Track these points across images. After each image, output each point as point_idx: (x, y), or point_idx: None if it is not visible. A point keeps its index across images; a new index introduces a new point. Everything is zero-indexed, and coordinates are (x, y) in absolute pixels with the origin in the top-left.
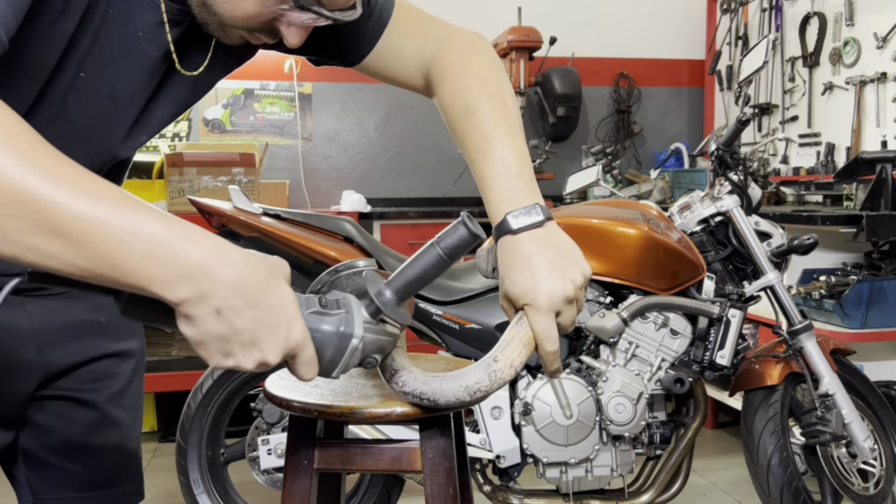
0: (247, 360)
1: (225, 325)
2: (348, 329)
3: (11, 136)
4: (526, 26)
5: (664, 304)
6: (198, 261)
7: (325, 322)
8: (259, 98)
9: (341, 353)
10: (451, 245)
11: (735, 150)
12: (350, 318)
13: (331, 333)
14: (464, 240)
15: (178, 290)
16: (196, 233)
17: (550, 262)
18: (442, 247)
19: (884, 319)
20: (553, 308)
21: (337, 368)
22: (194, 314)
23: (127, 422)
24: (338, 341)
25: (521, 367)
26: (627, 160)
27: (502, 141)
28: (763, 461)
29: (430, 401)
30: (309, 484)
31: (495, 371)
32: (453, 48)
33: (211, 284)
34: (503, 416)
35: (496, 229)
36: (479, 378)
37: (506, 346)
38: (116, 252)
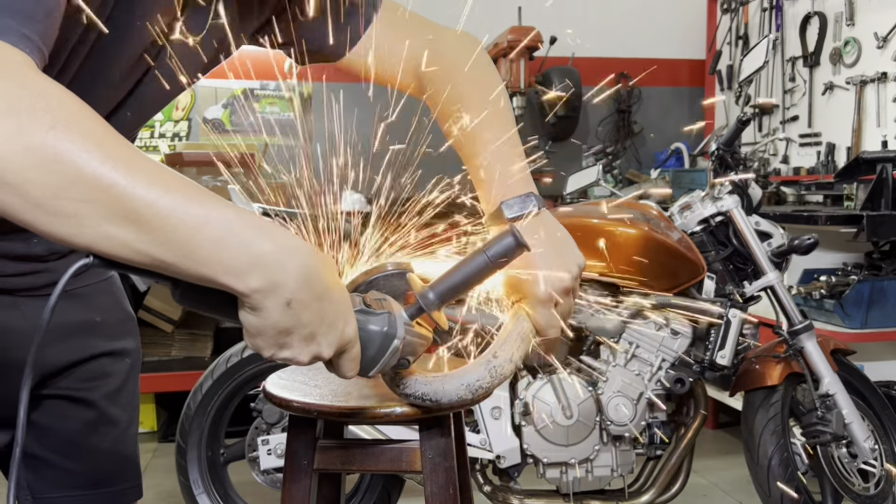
0: (303, 353)
1: (291, 318)
2: (392, 329)
3: (87, 123)
4: (526, 26)
5: (664, 304)
6: (270, 250)
7: (372, 321)
8: (259, 98)
9: (383, 353)
10: (497, 251)
11: (735, 150)
12: (394, 319)
13: (376, 333)
14: (510, 249)
15: (250, 279)
16: (267, 223)
17: (547, 252)
18: (490, 255)
19: (884, 319)
20: (552, 299)
21: (376, 367)
22: (263, 305)
23: (124, 420)
24: (381, 341)
25: (520, 361)
26: (627, 160)
27: (494, 133)
28: (763, 461)
29: (433, 401)
30: (309, 484)
31: (495, 367)
32: (444, 47)
33: (283, 275)
34: (503, 416)
35: (489, 218)
36: (479, 375)
37: (504, 341)
38: (190, 239)
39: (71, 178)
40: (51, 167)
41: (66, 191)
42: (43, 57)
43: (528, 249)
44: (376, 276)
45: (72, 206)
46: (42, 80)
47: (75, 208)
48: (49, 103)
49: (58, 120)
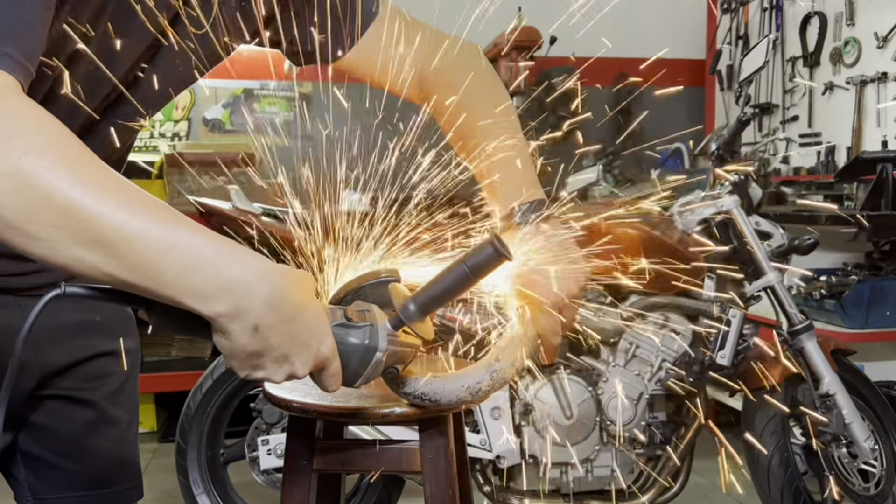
0: (277, 373)
1: (260, 341)
2: (373, 342)
3: (59, 146)
4: (526, 26)
5: (664, 304)
6: (237, 275)
7: (351, 335)
8: (259, 98)
9: (365, 365)
10: (476, 262)
11: (736, 150)
12: (375, 332)
13: (356, 346)
14: (490, 259)
15: (216, 304)
16: (236, 248)
17: (556, 259)
18: (469, 265)
19: (884, 319)
20: (557, 305)
21: (360, 380)
22: (231, 329)
23: (125, 420)
24: (362, 354)
25: (522, 365)
26: (627, 160)
27: (502, 139)
28: (763, 461)
29: (432, 401)
30: (308, 484)
31: (497, 370)
32: (447, 56)
33: (249, 301)
34: (503, 416)
35: (501, 222)
36: (480, 378)
37: (507, 344)
38: (156, 263)
39: (41, 203)
40: (22, 192)
41: (37, 216)
42: (28, 73)
43: (510, 259)
44: (363, 284)
45: (44, 231)
46: (20, 105)
47: (47, 232)
48: (24, 129)
49: (31, 146)
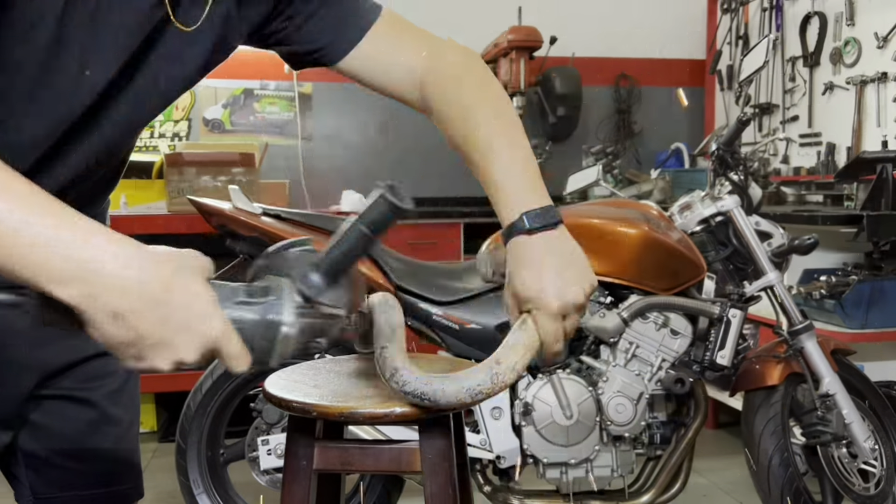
0: (161, 361)
1: (126, 330)
2: (276, 316)
3: None
4: (526, 26)
5: (664, 304)
6: (88, 257)
7: (251, 311)
8: (259, 98)
9: (272, 342)
10: (372, 220)
11: (735, 150)
12: (279, 305)
13: (256, 323)
14: (385, 214)
15: (69, 287)
16: (93, 228)
17: (563, 266)
18: (364, 223)
19: (884, 319)
20: (563, 312)
21: (272, 358)
22: (91, 317)
23: (126, 420)
24: (264, 330)
25: (523, 370)
26: (627, 160)
27: (508, 144)
28: (764, 461)
29: (431, 401)
30: (308, 484)
31: (497, 374)
32: (446, 61)
33: (100, 285)
34: (503, 416)
35: (509, 228)
36: (480, 380)
37: (509, 349)
38: (14, 244)
39: None
40: None
41: None
42: None
43: (405, 209)
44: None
45: None
46: None
47: None
48: None
49: None
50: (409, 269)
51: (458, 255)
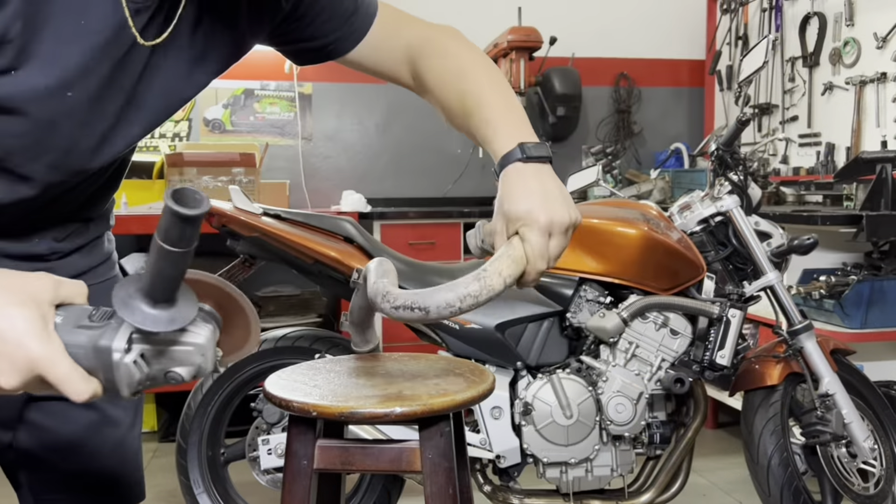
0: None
1: None
2: (106, 342)
3: None
4: (526, 26)
5: (664, 304)
6: None
7: (85, 336)
8: (259, 98)
9: (110, 371)
10: (165, 231)
11: (735, 150)
12: (113, 329)
13: (89, 349)
14: (173, 224)
15: None
16: None
17: (553, 193)
18: (161, 238)
19: (884, 319)
20: (550, 228)
21: (119, 387)
22: None
23: (127, 421)
24: (98, 356)
25: (510, 279)
26: (627, 160)
27: (500, 94)
28: (763, 461)
29: (422, 308)
30: (308, 484)
31: (485, 278)
32: (436, 35)
33: None
34: (503, 416)
35: (506, 157)
36: (468, 284)
37: (496, 259)
38: None
39: None
40: None
41: None
42: None
43: (191, 217)
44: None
45: None
46: None
47: None
48: None
49: None
50: (408, 269)
51: (458, 255)
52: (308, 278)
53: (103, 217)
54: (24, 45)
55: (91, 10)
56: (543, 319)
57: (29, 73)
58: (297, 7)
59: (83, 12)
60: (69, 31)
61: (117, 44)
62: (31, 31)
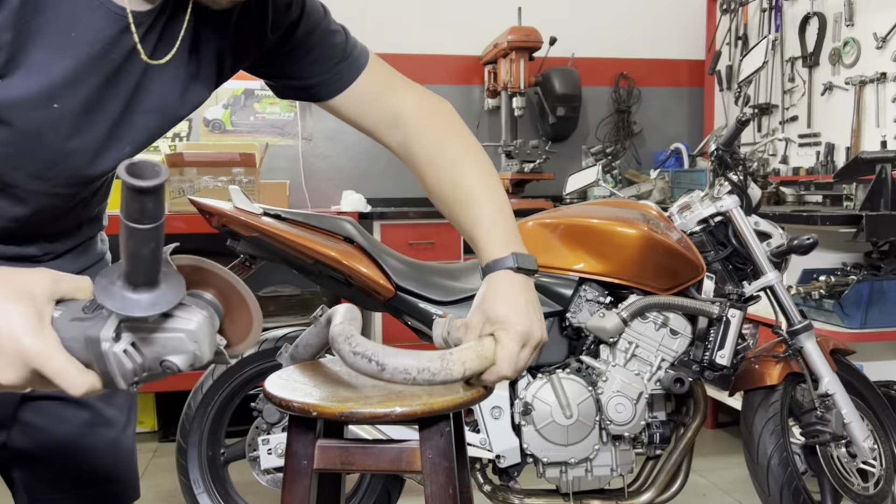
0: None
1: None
2: (94, 332)
3: None
4: (526, 26)
5: (664, 304)
6: None
7: (78, 329)
8: (259, 98)
9: (102, 361)
10: (126, 207)
11: (735, 151)
12: (101, 320)
13: (80, 341)
14: (130, 197)
15: None
16: None
17: (534, 306)
18: (124, 216)
19: (883, 319)
20: (526, 338)
21: (115, 379)
22: None
23: (121, 420)
24: (88, 348)
25: (469, 373)
26: (627, 160)
27: (493, 191)
28: (763, 461)
29: (379, 364)
30: (309, 484)
31: (448, 361)
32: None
33: None
34: (503, 415)
35: (498, 262)
36: (432, 360)
37: (464, 348)
38: None
39: None
40: None
41: None
42: None
43: (146, 188)
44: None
45: None
46: None
47: None
48: None
49: None
50: (409, 269)
51: (458, 255)
52: (308, 278)
53: (96, 218)
54: (13, 53)
55: (83, 23)
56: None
57: (15, 81)
58: (285, 43)
59: (74, 24)
60: (59, 42)
61: (108, 58)
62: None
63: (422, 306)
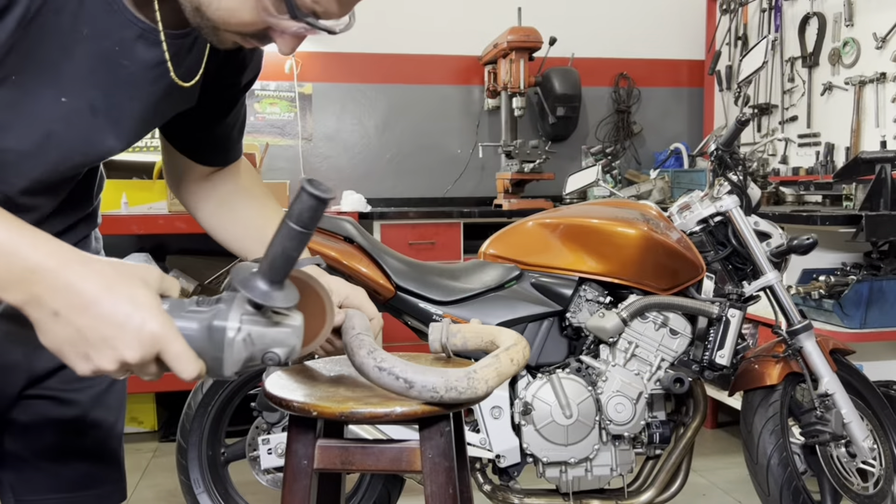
0: (104, 360)
1: (67, 327)
2: (221, 322)
3: None
4: (526, 26)
5: (664, 304)
6: (32, 263)
7: (195, 319)
8: (259, 98)
9: (220, 349)
10: (298, 213)
11: (734, 151)
12: (225, 312)
13: (202, 329)
14: (309, 206)
15: (14, 293)
16: (37, 238)
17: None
18: (292, 219)
19: (883, 319)
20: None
21: (224, 366)
22: (35, 318)
23: (109, 422)
24: (210, 335)
25: (491, 390)
26: (627, 160)
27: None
28: (763, 461)
29: (407, 381)
30: (309, 484)
31: (474, 380)
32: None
33: (43, 286)
34: (503, 415)
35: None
36: (459, 378)
37: (485, 366)
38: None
39: None
40: None
41: None
42: None
43: (330, 198)
44: (229, 276)
45: None
46: None
47: None
48: None
49: None
50: (409, 269)
51: (458, 255)
52: None
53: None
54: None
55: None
56: (543, 319)
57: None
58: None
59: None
60: (69, 39)
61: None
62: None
63: (422, 306)
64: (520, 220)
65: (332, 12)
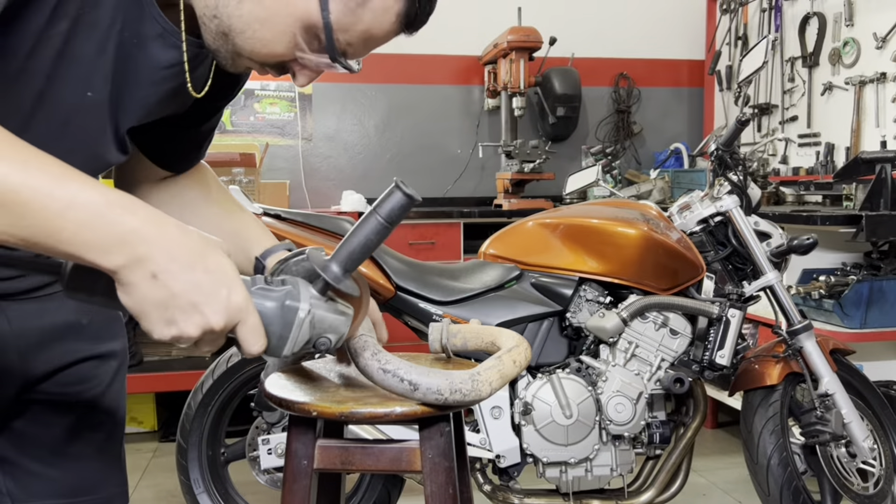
0: (189, 325)
1: (161, 290)
2: (293, 302)
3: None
4: (526, 26)
5: (664, 304)
6: (132, 227)
7: (270, 297)
8: (259, 98)
9: (288, 328)
10: (389, 209)
11: (735, 151)
12: (296, 292)
13: (275, 307)
14: (400, 203)
15: (114, 256)
16: (133, 202)
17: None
18: (381, 214)
19: (883, 319)
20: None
21: (286, 345)
22: (131, 280)
23: (108, 425)
24: (283, 314)
25: (494, 392)
26: (627, 160)
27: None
28: (763, 461)
29: (412, 384)
30: (309, 484)
31: (478, 383)
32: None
33: (146, 248)
34: (503, 415)
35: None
36: (463, 381)
37: (488, 368)
38: (54, 222)
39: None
40: None
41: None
42: None
43: (419, 200)
44: (286, 263)
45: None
46: None
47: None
48: None
49: None
50: (409, 269)
51: (458, 255)
52: None
53: None
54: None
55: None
56: (543, 319)
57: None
58: (213, 111)
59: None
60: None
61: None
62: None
63: (422, 306)
64: (520, 221)
65: (359, 53)
